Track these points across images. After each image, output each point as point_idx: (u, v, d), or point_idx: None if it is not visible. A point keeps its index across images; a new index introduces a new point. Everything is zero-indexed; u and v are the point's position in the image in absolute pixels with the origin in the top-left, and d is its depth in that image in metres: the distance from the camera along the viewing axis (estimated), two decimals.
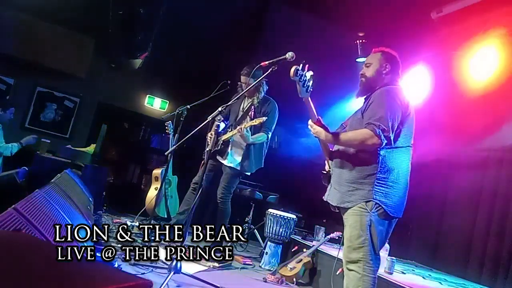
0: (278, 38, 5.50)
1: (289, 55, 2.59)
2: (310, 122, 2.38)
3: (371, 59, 2.49)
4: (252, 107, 4.15)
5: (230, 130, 4.22)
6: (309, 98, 2.30)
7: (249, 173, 4.28)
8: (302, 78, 2.20)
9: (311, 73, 2.24)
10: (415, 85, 5.11)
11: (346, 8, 5.05)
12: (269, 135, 4.18)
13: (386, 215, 2.21)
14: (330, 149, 2.52)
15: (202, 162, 4.43)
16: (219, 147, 4.16)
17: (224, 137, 4.18)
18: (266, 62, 2.80)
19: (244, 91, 3.63)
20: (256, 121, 3.94)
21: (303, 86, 2.23)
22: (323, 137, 2.34)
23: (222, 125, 4.23)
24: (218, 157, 4.25)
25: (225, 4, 5.58)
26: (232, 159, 4.18)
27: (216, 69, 5.72)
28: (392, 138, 2.20)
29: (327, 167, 2.54)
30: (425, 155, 4.57)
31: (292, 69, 2.17)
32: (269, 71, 2.89)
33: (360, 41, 5.58)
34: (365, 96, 2.46)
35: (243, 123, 4.08)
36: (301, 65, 2.21)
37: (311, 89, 2.27)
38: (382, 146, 2.19)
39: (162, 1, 5.02)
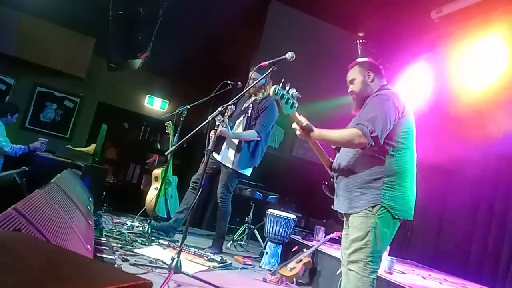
0: (278, 38, 5.50)
1: (289, 55, 2.59)
2: (294, 125, 2.27)
3: (352, 74, 2.47)
4: (251, 104, 4.12)
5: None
6: (296, 113, 2.21)
7: (247, 173, 4.25)
8: (284, 96, 2.13)
9: (294, 90, 2.16)
10: (415, 86, 5.10)
11: (346, 8, 5.05)
12: (261, 132, 4.07)
13: (392, 217, 2.21)
14: (330, 159, 2.49)
15: (202, 160, 4.42)
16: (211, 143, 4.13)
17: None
18: (266, 62, 2.80)
19: (249, 87, 3.63)
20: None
21: (286, 103, 2.15)
22: (310, 136, 2.24)
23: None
24: (215, 155, 4.24)
25: (225, 4, 5.58)
26: (225, 156, 4.17)
27: (216, 69, 5.72)
28: (380, 140, 2.18)
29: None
30: (426, 156, 4.57)
31: (272, 89, 2.11)
32: (269, 71, 2.90)
33: (360, 41, 5.58)
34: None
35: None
36: (281, 83, 2.14)
37: (296, 106, 2.18)
38: (368, 147, 2.17)
39: (162, 1, 5.02)
